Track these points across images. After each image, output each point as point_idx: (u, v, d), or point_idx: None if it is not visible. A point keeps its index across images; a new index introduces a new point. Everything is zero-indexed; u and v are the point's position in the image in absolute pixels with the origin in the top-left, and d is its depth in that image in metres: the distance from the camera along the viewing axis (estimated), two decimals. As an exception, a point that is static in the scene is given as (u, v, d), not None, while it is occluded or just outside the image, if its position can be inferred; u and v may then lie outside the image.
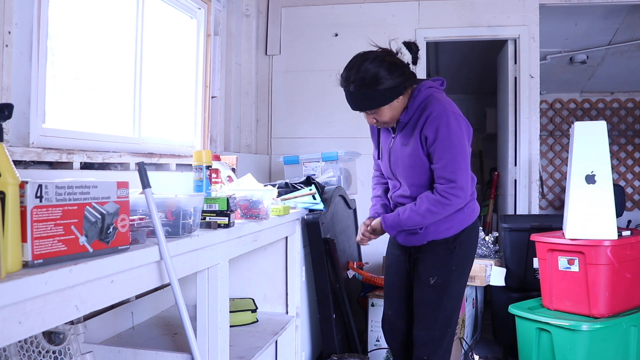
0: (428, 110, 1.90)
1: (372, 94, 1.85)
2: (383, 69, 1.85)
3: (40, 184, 1.04)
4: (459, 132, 1.89)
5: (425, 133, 1.90)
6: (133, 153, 2.34)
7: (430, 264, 2.06)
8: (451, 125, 1.88)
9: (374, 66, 1.85)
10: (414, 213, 1.96)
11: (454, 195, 1.90)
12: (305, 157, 3.34)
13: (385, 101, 1.88)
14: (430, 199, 1.93)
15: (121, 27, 2.49)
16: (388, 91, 1.85)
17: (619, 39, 4.67)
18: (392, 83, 1.85)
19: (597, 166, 2.68)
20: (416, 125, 1.94)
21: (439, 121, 1.87)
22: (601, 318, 2.58)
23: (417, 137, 1.93)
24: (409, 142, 1.97)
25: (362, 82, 1.84)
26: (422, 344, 2.07)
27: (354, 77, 1.85)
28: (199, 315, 1.69)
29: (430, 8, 3.92)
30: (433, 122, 1.88)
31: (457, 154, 1.89)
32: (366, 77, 1.84)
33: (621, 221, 4.80)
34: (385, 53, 1.91)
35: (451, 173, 1.89)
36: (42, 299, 1.01)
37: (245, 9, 3.83)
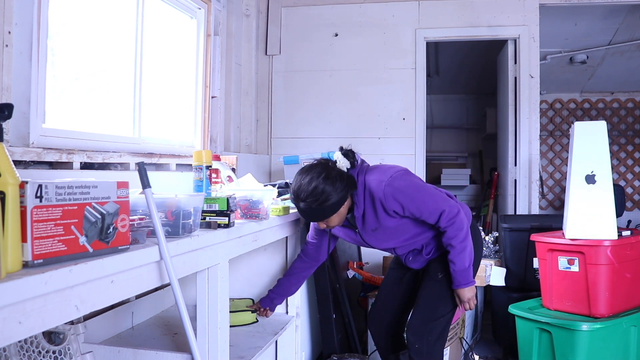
0: (376, 194, 2.02)
1: (322, 209, 1.98)
2: (328, 185, 1.96)
3: (40, 184, 1.04)
4: (408, 184, 2.05)
5: (391, 208, 2.02)
6: (133, 153, 2.35)
7: (438, 262, 2.20)
8: (401, 186, 2.02)
9: (320, 183, 1.96)
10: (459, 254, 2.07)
11: (454, 217, 2.03)
12: (305, 157, 3.33)
13: (334, 211, 2.00)
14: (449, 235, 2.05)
15: (121, 27, 2.49)
16: (335, 204, 1.98)
17: (619, 39, 4.67)
18: (338, 197, 1.97)
19: (597, 166, 2.68)
20: (376, 210, 2.06)
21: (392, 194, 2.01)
22: (601, 318, 2.57)
23: (385, 215, 2.05)
24: (377, 225, 2.09)
25: (311, 200, 1.96)
26: (414, 333, 2.18)
27: (304, 196, 1.96)
28: (199, 315, 1.69)
29: (430, 8, 3.92)
30: (389, 199, 2.01)
31: (425, 196, 2.04)
32: (315, 195, 1.95)
33: (621, 221, 4.80)
34: (326, 168, 2.01)
35: (436, 207, 2.03)
36: (42, 299, 1.01)
37: (245, 9, 3.83)
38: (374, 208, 2.05)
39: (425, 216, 2.03)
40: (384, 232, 2.11)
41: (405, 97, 3.93)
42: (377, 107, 3.97)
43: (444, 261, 2.15)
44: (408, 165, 2.84)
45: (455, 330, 2.93)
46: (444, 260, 2.14)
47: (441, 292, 2.17)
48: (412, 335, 2.17)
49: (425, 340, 2.15)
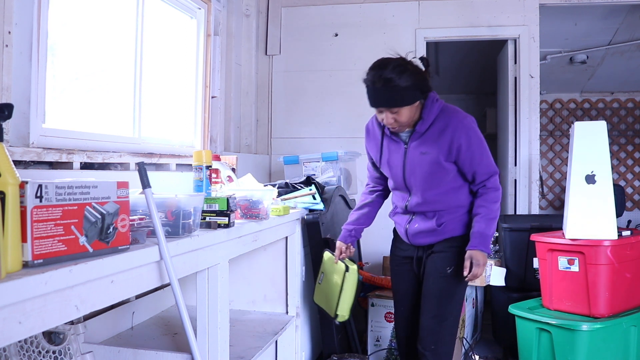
0: (452, 121, 2.01)
1: (398, 92, 1.92)
2: (409, 71, 1.93)
3: (40, 184, 1.04)
4: (481, 133, 2.07)
5: (457, 142, 2.00)
6: (133, 153, 2.34)
7: (447, 256, 2.11)
8: (477, 130, 2.05)
9: (401, 68, 1.93)
10: (490, 220, 2.05)
11: (499, 183, 2.09)
12: (305, 157, 3.34)
13: (408, 101, 1.94)
14: (490, 198, 2.07)
15: (121, 27, 2.49)
16: (411, 92, 1.94)
17: (619, 39, 4.67)
18: (416, 86, 1.94)
19: (597, 166, 2.68)
20: (438, 134, 2.02)
21: (467, 129, 2.02)
22: (601, 318, 2.57)
23: (443, 145, 2.01)
24: (430, 151, 2.03)
25: (390, 80, 1.90)
26: (430, 333, 2.10)
27: (383, 75, 1.91)
28: (199, 315, 1.69)
29: (430, 8, 3.92)
30: (463, 131, 2.00)
31: (488, 151, 2.07)
32: (394, 76, 1.91)
33: (621, 221, 4.80)
34: (407, 60, 1.99)
35: (492, 167, 2.07)
36: (42, 299, 1.01)
37: (245, 9, 3.83)
38: (441, 131, 2.00)
39: (479, 167, 2.02)
40: (428, 164, 2.03)
41: (405, 97, 3.92)
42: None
43: (452, 256, 2.09)
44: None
45: (455, 330, 2.93)
46: (453, 255, 2.09)
47: (451, 288, 2.11)
48: (428, 335, 2.09)
49: (442, 340, 2.09)
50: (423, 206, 2.12)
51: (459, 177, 2.09)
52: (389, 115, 1.97)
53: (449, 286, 2.11)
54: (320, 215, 2.59)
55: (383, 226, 3.83)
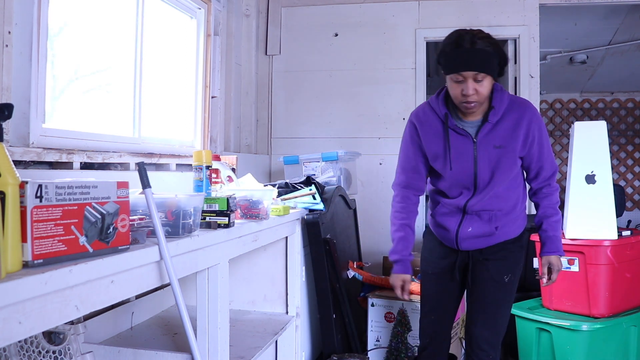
0: (529, 111, 1.89)
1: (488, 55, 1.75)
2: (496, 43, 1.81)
3: (40, 184, 1.04)
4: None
5: (532, 134, 1.89)
6: (133, 153, 2.34)
7: (505, 263, 2.00)
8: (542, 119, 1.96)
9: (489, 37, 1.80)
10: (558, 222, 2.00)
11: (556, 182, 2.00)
12: (305, 157, 3.33)
13: (493, 70, 1.78)
14: (555, 199, 2.00)
15: (121, 27, 2.49)
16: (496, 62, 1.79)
17: (619, 39, 4.67)
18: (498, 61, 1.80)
19: (597, 166, 2.68)
20: (516, 126, 1.87)
21: (540, 121, 1.93)
22: (601, 318, 2.57)
23: (519, 137, 1.87)
24: (505, 144, 1.87)
25: (481, 40, 1.75)
26: (488, 346, 1.99)
27: (473, 37, 1.74)
28: (199, 315, 1.69)
29: (430, 8, 3.92)
30: (537, 122, 1.90)
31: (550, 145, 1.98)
32: (484, 38, 1.76)
33: (621, 221, 4.80)
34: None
35: (551, 162, 1.96)
36: (42, 299, 1.01)
37: (245, 9, 3.83)
38: (516, 122, 1.86)
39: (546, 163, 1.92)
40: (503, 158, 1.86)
41: (405, 97, 3.93)
42: (377, 107, 3.97)
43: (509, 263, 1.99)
44: (408, 165, 2.83)
45: (455, 330, 2.93)
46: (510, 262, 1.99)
47: (507, 297, 1.99)
48: (485, 345, 1.97)
49: (497, 349, 2.01)
50: (482, 204, 1.94)
51: (521, 175, 2.00)
52: (471, 85, 1.76)
53: (505, 294, 1.99)
54: (320, 215, 2.59)
55: (383, 226, 3.84)
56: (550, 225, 1.97)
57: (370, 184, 3.91)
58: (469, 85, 1.77)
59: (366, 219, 3.76)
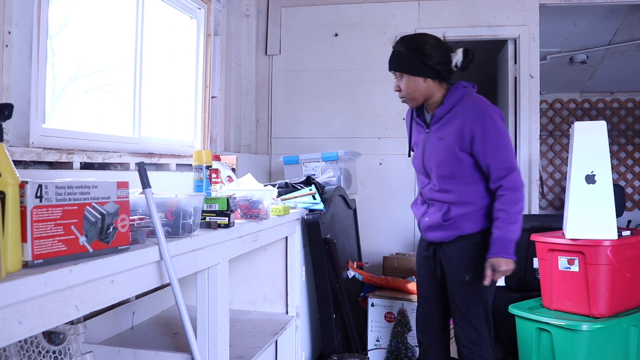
0: (470, 109, 1.97)
1: (402, 57, 2.00)
2: (429, 46, 1.98)
3: (40, 184, 1.04)
4: (503, 126, 1.99)
5: (471, 131, 1.95)
6: (133, 153, 2.34)
7: (462, 261, 2.04)
8: (497, 121, 1.97)
9: (417, 41, 2.00)
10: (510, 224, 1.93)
11: (519, 183, 1.96)
12: (305, 157, 3.33)
13: (409, 69, 2.00)
14: (508, 200, 1.95)
15: (121, 27, 2.49)
16: (416, 63, 1.98)
17: (619, 39, 4.67)
18: (426, 61, 1.97)
19: (597, 166, 2.68)
20: (456, 121, 1.99)
21: (485, 118, 1.95)
22: (601, 318, 2.57)
23: (458, 132, 1.97)
24: (446, 137, 2.00)
25: (406, 43, 2.00)
26: (470, 343, 2.05)
27: (405, 38, 2.02)
28: (199, 315, 1.69)
29: (430, 8, 3.92)
30: (479, 119, 1.95)
31: (507, 146, 1.98)
32: (405, 44, 2.00)
33: (621, 221, 4.80)
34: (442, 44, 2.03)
35: (509, 162, 1.96)
36: (42, 299, 1.01)
37: (245, 9, 3.83)
38: (460, 119, 1.96)
39: (493, 161, 1.93)
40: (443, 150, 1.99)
41: (405, 97, 3.92)
42: (377, 107, 3.97)
43: (467, 261, 2.01)
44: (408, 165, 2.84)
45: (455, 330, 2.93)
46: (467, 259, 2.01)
47: (474, 296, 2.03)
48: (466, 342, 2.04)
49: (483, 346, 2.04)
50: (436, 194, 2.06)
51: (476, 172, 2.00)
52: (396, 82, 2.05)
53: (472, 293, 2.03)
54: (320, 215, 2.59)
55: (383, 226, 3.85)
56: (495, 227, 1.94)
57: (370, 184, 3.91)
58: (395, 82, 2.06)
59: (366, 219, 3.76)
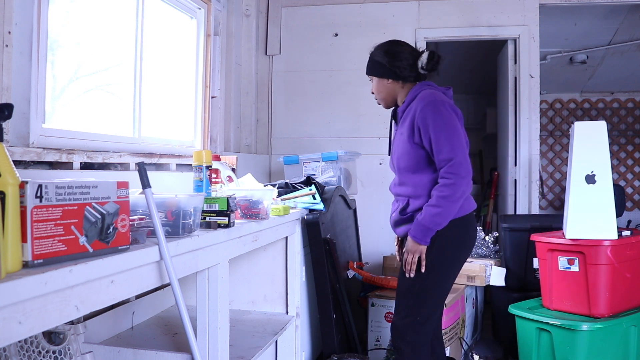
0: (419, 102, 2.04)
1: (370, 61, 2.17)
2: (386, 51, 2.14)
3: (40, 184, 1.04)
4: (448, 116, 1.99)
5: (417, 122, 2.01)
6: (133, 153, 2.34)
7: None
8: (440, 111, 1.99)
9: (385, 47, 2.15)
10: (429, 208, 1.98)
11: (455, 173, 1.95)
12: (305, 157, 3.33)
13: (375, 72, 2.16)
14: (437, 187, 1.99)
15: (121, 27, 2.49)
16: (381, 67, 2.13)
17: (619, 39, 4.67)
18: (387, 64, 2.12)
19: (597, 166, 2.68)
20: (408, 116, 2.07)
21: (427, 109, 2.00)
22: (601, 318, 2.57)
23: (409, 126, 2.05)
24: (404, 131, 2.09)
25: (375, 49, 2.18)
26: (395, 332, 2.10)
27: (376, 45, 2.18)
28: (199, 315, 1.69)
29: (430, 8, 3.92)
30: (422, 112, 2.00)
31: (450, 134, 1.97)
32: (379, 48, 2.17)
33: (621, 221, 4.80)
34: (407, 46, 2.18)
35: (448, 152, 1.95)
36: (42, 299, 1.01)
37: (245, 9, 3.83)
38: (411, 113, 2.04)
39: (436, 151, 1.96)
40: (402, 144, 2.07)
41: (405, 97, 3.92)
42: (377, 107, 3.93)
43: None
44: (408, 165, 2.84)
45: (455, 330, 2.93)
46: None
47: (410, 289, 2.06)
48: (394, 334, 2.11)
49: (407, 339, 2.05)
50: (398, 189, 2.15)
51: (428, 164, 2.04)
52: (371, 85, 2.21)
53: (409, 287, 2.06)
54: (320, 215, 2.59)
55: (383, 226, 3.84)
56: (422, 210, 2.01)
57: (370, 184, 3.91)
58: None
59: (366, 219, 3.76)
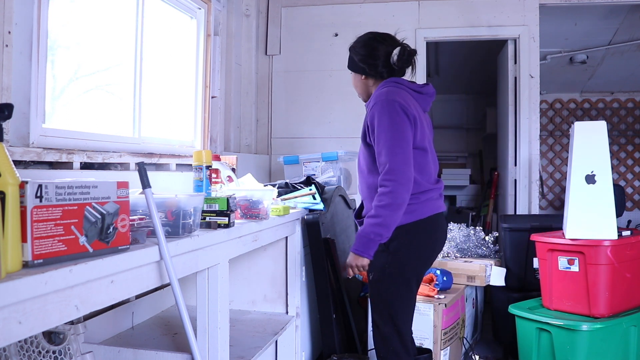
0: (372, 101, 2.01)
1: (350, 55, 2.17)
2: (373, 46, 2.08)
3: (40, 184, 1.04)
4: (395, 117, 1.89)
5: (368, 122, 1.98)
6: (133, 153, 2.34)
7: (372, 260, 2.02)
8: (387, 111, 1.89)
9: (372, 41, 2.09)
10: (369, 219, 1.92)
11: (389, 179, 1.86)
12: (305, 157, 3.33)
13: (352, 67, 2.16)
14: (377, 196, 1.92)
15: (121, 27, 2.49)
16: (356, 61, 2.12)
17: (619, 39, 4.67)
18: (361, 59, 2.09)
19: (597, 166, 2.68)
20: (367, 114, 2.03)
21: (375, 109, 1.94)
22: (601, 318, 2.57)
23: (364, 124, 2.02)
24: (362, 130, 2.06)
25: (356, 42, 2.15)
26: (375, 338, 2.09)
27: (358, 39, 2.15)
28: (199, 315, 1.69)
29: (430, 8, 3.92)
30: (372, 110, 1.96)
31: (391, 137, 1.88)
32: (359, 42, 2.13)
33: (621, 221, 4.80)
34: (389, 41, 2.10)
35: (384, 156, 1.88)
36: (42, 299, 1.01)
37: (245, 9, 3.83)
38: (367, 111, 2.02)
39: (378, 155, 1.90)
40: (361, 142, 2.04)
41: (405, 97, 3.92)
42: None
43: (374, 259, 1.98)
44: (408, 165, 2.84)
45: (455, 330, 2.93)
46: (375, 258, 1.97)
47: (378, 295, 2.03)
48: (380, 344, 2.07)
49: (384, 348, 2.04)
50: (360, 188, 2.10)
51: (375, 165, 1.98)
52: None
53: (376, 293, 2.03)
54: (320, 215, 2.59)
55: (383, 226, 3.84)
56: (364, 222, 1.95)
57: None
58: None
59: (366, 219, 3.75)
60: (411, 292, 2.06)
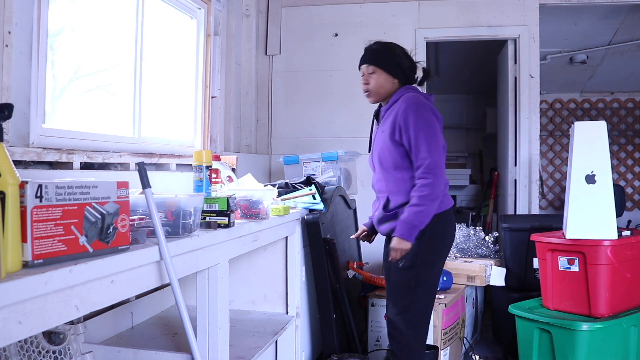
0: (400, 103, 2.14)
1: (377, 52, 2.20)
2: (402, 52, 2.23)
3: (40, 184, 1.04)
4: (429, 119, 2.09)
5: (399, 123, 2.09)
6: (133, 153, 2.34)
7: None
8: (422, 113, 2.09)
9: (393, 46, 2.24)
10: (412, 207, 2.06)
11: (432, 172, 2.04)
12: (305, 157, 3.33)
13: (383, 65, 2.18)
14: (417, 187, 2.06)
15: (121, 27, 2.49)
16: (389, 60, 2.18)
17: (619, 39, 4.67)
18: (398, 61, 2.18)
19: (597, 166, 2.68)
20: (390, 115, 2.15)
21: (409, 110, 2.08)
22: (601, 318, 2.57)
23: (391, 124, 2.13)
24: (385, 129, 2.17)
25: (383, 44, 2.23)
26: (392, 327, 2.18)
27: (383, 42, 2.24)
28: (199, 315, 1.69)
29: (430, 8, 3.92)
30: (405, 112, 2.09)
31: (428, 136, 2.06)
32: (390, 45, 2.23)
33: (621, 221, 4.80)
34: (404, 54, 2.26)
35: (426, 153, 2.05)
36: (42, 299, 1.01)
37: (245, 9, 3.83)
38: (394, 113, 2.12)
39: (414, 152, 2.05)
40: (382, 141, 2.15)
41: (405, 97, 3.92)
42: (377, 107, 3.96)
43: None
44: (408, 165, 2.84)
45: (455, 330, 2.93)
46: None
47: (405, 282, 2.13)
48: (390, 327, 2.18)
49: (401, 331, 2.13)
50: (377, 185, 2.23)
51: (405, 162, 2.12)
52: (364, 76, 2.21)
53: (403, 278, 2.14)
54: (320, 215, 2.59)
55: (383, 226, 3.84)
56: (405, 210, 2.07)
57: (370, 184, 3.90)
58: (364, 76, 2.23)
59: (366, 219, 3.75)
60: (437, 280, 2.22)
